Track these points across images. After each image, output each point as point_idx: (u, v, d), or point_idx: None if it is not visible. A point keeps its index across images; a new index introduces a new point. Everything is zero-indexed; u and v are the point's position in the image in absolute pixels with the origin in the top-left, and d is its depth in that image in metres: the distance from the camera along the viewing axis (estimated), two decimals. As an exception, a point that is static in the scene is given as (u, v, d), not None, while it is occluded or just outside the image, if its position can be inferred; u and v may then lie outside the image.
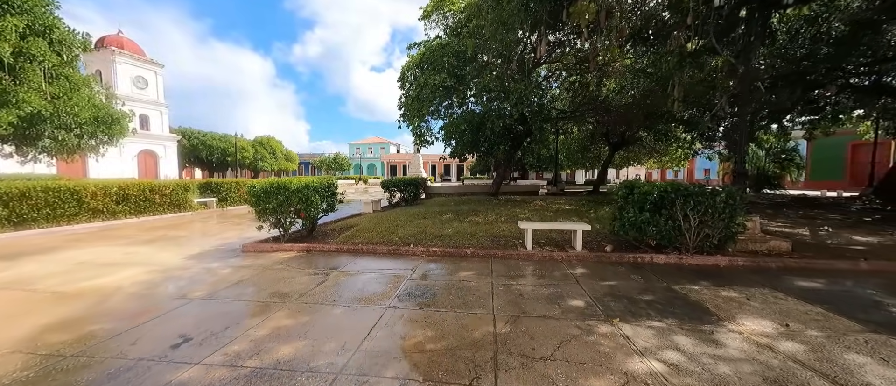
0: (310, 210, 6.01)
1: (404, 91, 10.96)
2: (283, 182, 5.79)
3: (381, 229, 6.99)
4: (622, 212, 5.30)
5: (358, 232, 6.80)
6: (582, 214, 9.23)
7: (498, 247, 5.74)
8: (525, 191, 20.56)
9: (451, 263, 5.05)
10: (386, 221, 8.12)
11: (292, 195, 5.74)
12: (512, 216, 8.85)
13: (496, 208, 10.59)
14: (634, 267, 4.84)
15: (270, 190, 5.70)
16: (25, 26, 12.83)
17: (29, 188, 7.28)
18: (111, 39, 34.56)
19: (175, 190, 10.83)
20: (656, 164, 27.09)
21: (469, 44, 8.34)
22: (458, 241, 6.07)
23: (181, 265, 5.00)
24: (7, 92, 12.04)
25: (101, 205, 8.74)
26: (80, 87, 15.87)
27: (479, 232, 6.73)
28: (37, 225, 7.55)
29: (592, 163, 28.02)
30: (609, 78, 14.94)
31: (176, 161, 38.43)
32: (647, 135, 22.31)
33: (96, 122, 17.76)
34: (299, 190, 5.80)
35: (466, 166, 68.62)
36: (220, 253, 5.77)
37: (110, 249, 6.02)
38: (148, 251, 5.91)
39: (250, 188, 5.75)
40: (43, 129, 14.96)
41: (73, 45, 15.01)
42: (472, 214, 9.33)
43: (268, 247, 5.85)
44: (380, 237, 6.37)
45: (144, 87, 35.75)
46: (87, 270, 4.71)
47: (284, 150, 51.48)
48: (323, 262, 5.17)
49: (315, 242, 6.21)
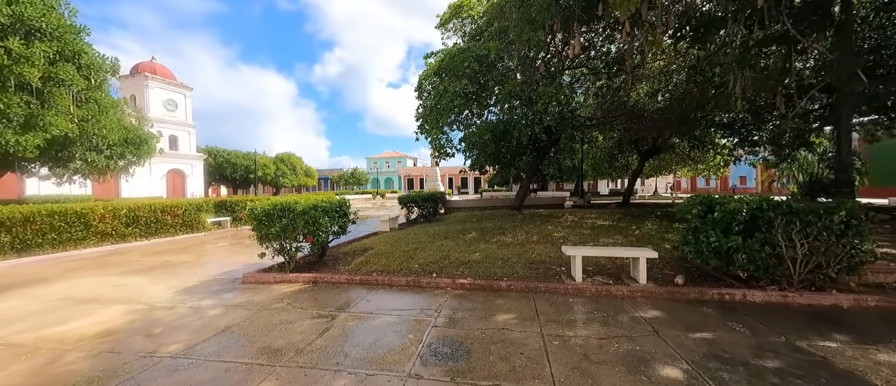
0: (318, 234, 5.26)
1: (422, 101, 10.32)
2: (288, 203, 5.09)
3: (399, 253, 6.14)
4: (697, 235, 4.22)
5: (373, 257, 5.98)
6: (625, 232, 8.07)
7: (538, 277, 4.75)
8: (549, 204, 19.33)
9: (484, 300, 4.11)
10: (404, 242, 7.28)
11: (298, 217, 5.02)
12: (544, 235, 7.81)
13: (524, 225, 9.56)
14: (723, 308, 3.73)
15: (273, 212, 5.00)
16: (56, 52, 13.27)
17: (33, 212, 6.96)
18: (144, 66, 36.47)
19: (187, 210, 10.48)
20: (690, 172, 25.18)
21: (492, 46, 7.59)
22: (488, 268, 5.12)
23: (168, 303, 4.30)
24: (35, 115, 12.31)
25: (110, 228, 8.39)
26: (109, 110, 16.28)
27: (511, 256, 5.75)
28: (41, 251, 7.20)
29: (619, 173, 26.40)
30: (641, 81, 13.83)
31: (202, 179, 39.59)
32: (681, 141, 20.76)
33: (125, 143, 18.23)
34: (306, 211, 5.07)
35: (484, 179, 67.70)
36: (216, 285, 5.07)
37: (102, 281, 5.45)
38: (141, 282, 5.30)
39: (250, 210, 5.07)
40: (74, 152, 15.37)
41: (102, 69, 15.46)
42: (498, 233, 8.36)
43: (270, 277, 5.10)
44: (397, 264, 5.51)
45: (174, 110, 37.32)
46: (64, 310, 4.08)
47: (304, 166, 52.39)
48: (331, 298, 4.34)
49: (324, 270, 5.42)
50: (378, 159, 79.70)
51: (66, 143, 14.68)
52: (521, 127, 8.29)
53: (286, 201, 5.14)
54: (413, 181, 72.39)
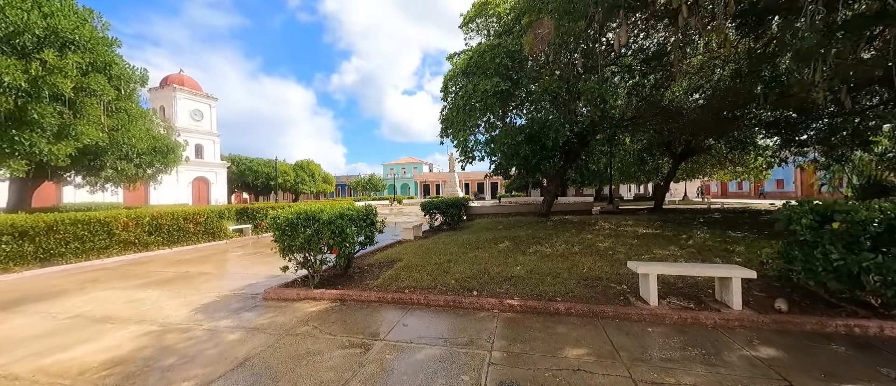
0: (345, 245, 4.75)
1: (447, 103, 9.78)
2: (313, 211, 4.62)
3: (431, 266, 5.55)
4: (809, 250, 3.43)
5: (403, 270, 5.41)
6: (677, 242, 7.20)
7: (598, 298, 4.05)
8: (575, 209, 18.37)
9: (543, 327, 3.45)
10: (433, 252, 6.70)
11: (323, 228, 4.52)
12: (587, 246, 7.06)
13: (558, 234, 8.81)
14: (857, 345, 2.93)
15: (297, 222, 4.53)
16: (88, 64, 13.62)
17: (56, 221, 6.83)
18: (173, 78, 37.92)
19: (209, 218, 10.30)
20: (727, 175, 23.53)
21: (526, 40, 6.99)
22: (536, 286, 4.46)
23: (184, 323, 3.86)
24: (67, 125, 12.59)
25: (133, 236, 8.23)
26: (138, 119, 16.66)
27: (558, 271, 5.06)
28: (65, 260, 7.04)
29: (648, 176, 25.02)
30: (679, 78, 12.86)
31: (225, 186, 40.59)
32: (717, 142, 19.43)
33: (153, 151, 18.67)
34: (332, 221, 4.58)
35: (501, 185, 66.63)
36: (236, 301, 4.63)
37: (119, 295, 5.12)
38: (158, 297, 4.92)
39: (273, 220, 4.63)
40: (105, 160, 15.77)
41: (131, 80, 15.83)
42: (533, 243, 7.65)
43: (293, 293, 4.62)
44: (431, 279, 4.92)
45: (200, 119, 38.53)
46: (72, 333, 3.70)
47: (323, 172, 53.07)
48: (362, 320, 3.79)
49: (351, 285, 4.90)
50: (394, 165, 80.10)
51: (98, 152, 15.05)
52: (558, 127, 7.59)
53: (310, 210, 4.67)
54: (429, 187, 72.20)
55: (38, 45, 11.58)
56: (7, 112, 11.05)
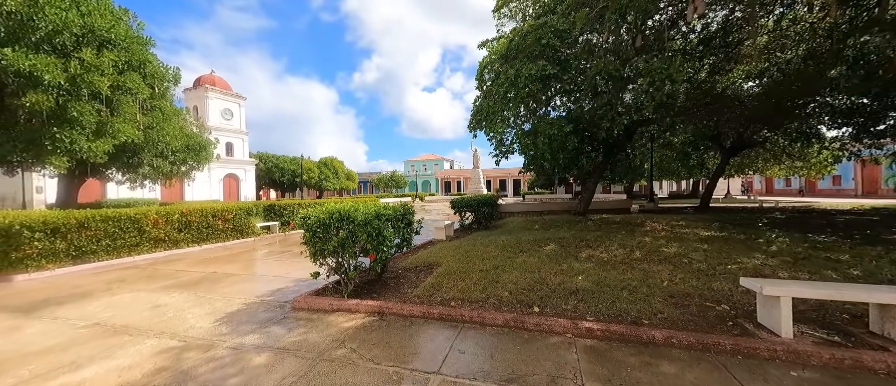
0: (382, 249, 4.15)
1: (483, 91, 8.97)
2: (347, 210, 4.04)
3: (476, 274, 4.86)
4: None
5: (444, 278, 4.76)
6: (756, 247, 6.13)
7: (699, 322, 3.22)
8: (613, 208, 17.10)
9: (642, 364, 2.67)
10: (474, 256, 6.01)
11: (359, 229, 3.93)
12: (651, 251, 6.13)
13: (609, 236, 7.88)
14: None
15: (330, 222, 3.96)
16: (124, 62, 13.90)
17: (87, 218, 6.69)
18: (205, 78, 39.21)
19: (238, 215, 10.11)
20: (783, 170, 21.31)
21: (580, 15, 6.10)
22: (610, 303, 3.67)
23: (207, 337, 3.38)
24: (104, 123, 12.88)
25: (163, 233, 8.08)
26: (171, 118, 17.02)
27: (632, 284, 4.24)
28: (96, 258, 6.92)
29: (690, 172, 23.08)
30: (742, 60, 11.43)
31: (254, 183, 41.76)
32: (774, 135, 17.55)
33: (187, 149, 19.15)
34: (368, 222, 3.98)
35: (524, 181, 64.95)
36: (263, 310, 4.14)
37: (143, 298, 4.78)
38: (182, 303, 4.53)
39: (303, 219, 4.09)
40: (142, 158, 16.22)
41: (164, 79, 16.13)
42: (583, 246, 6.80)
43: (325, 303, 4.07)
44: (480, 289, 4.23)
45: (230, 118, 39.71)
46: (86, 345, 3.31)
47: (346, 169, 53.66)
48: (406, 343, 3.17)
49: (388, 294, 4.30)
50: (415, 162, 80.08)
51: (135, 149, 15.46)
52: (613, 116, 6.66)
53: (343, 209, 4.09)
54: (450, 184, 71.60)
55: (76, 44, 11.81)
56: (49, 111, 11.36)
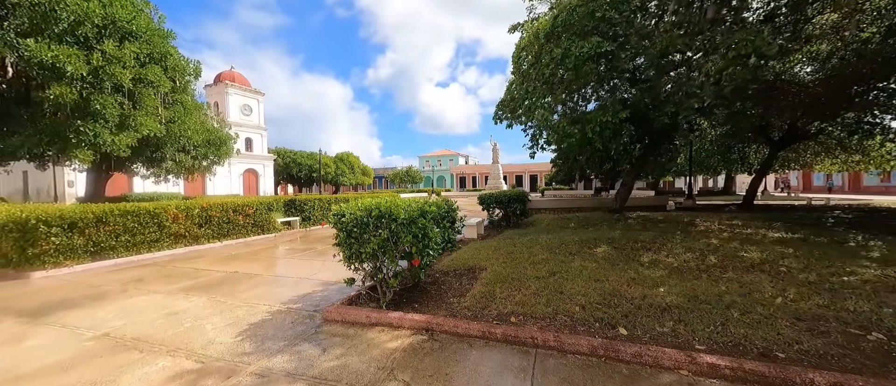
0: (427, 253, 3.51)
1: (520, 76, 8.12)
2: (387, 207, 3.40)
3: (531, 281, 4.16)
4: None
5: (495, 285, 4.08)
6: (853, 253, 5.16)
7: (859, 358, 2.43)
8: (648, 205, 15.97)
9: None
10: (519, 258, 5.31)
11: (402, 230, 3.30)
12: (729, 256, 5.28)
13: (665, 236, 7.01)
14: None
15: (368, 221, 3.34)
16: (146, 55, 13.78)
17: (105, 213, 6.35)
18: (225, 74, 39.63)
19: (258, 210, 9.73)
20: (836, 165, 19.49)
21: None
22: (721, 326, 2.91)
23: (227, 358, 2.83)
24: (127, 116, 12.78)
25: (184, 229, 7.73)
26: (192, 112, 16.97)
27: (739, 301, 3.45)
28: (115, 254, 6.60)
29: (729, 166, 21.43)
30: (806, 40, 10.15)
31: (272, 178, 42.19)
32: (829, 126, 15.94)
33: (208, 144, 19.17)
34: (413, 221, 3.34)
35: (542, 177, 63.38)
36: (290, 321, 3.58)
37: (160, 302, 4.32)
38: (201, 309, 4.03)
39: (337, 217, 3.49)
40: (165, 152, 16.24)
41: (185, 72, 16.02)
42: (641, 249, 5.99)
43: (362, 315, 3.47)
44: (544, 301, 3.53)
45: (249, 114, 40.10)
46: (91, 364, 2.81)
47: (361, 165, 53.67)
48: (471, 372, 2.51)
49: (432, 305, 3.67)
50: (430, 158, 79.56)
51: (158, 143, 15.46)
52: (681, 98, 5.75)
53: (383, 205, 3.46)
54: (465, 179, 70.76)
55: (98, 35, 11.66)
56: (73, 104, 11.28)
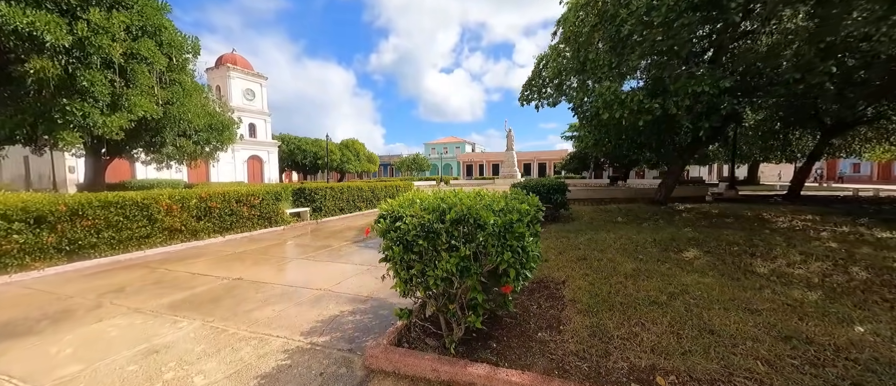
0: (523, 274, 2.33)
1: (574, 44, 6.64)
2: (468, 206, 2.19)
3: (645, 305, 2.99)
4: None
5: (596, 310, 2.92)
6: None
7: None
8: (685, 196, 14.63)
9: None
10: (599, 266, 4.13)
11: (492, 242, 2.10)
12: (874, 266, 4.05)
13: (757, 236, 5.78)
14: None
15: (439, 229, 2.13)
16: (139, 28, 12.48)
17: (82, 204, 5.24)
18: (227, 57, 38.16)
19: (265, 200, 8.61)
20: (889, 153, 17.89)
21: None
22: None
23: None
24: (119, 95, 11.61)
25: (179, 222, 6.64)
26: (193, 94, 15.72)
27: None
28: (97, 253, 5.53)
29: (765, 154, 19.78)
30: None
31: (277, 165, 41.17)
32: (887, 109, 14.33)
33: (210, 128, 18.02)
34: (509, 229, 2.14)
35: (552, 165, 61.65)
36: (318, 371, 2.45)
37: (139, 328, 3.23)
38: (192, 343, 2.93)
39: (387, 221, 2.29)
40: (165, 136, 15.11)
41: (183, 49, 14.69)
42: (741, 254, 4.78)
43: (426, 366, 2.32)
44: (699, 349, 2.36)
45: (252, 99, 38.78)
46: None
47: (367, 152, 52.44)
48: None
49: (517, 347, 2.51)
50: (436, 145, 77.98)
51: (158, 128, 14.31)
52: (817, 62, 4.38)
53: (457, 203, 2.25)
54: (472, 167, 69.29)
55: (83, 2, 10.37)
56: (56, 79, 10.10)
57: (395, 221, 2.27)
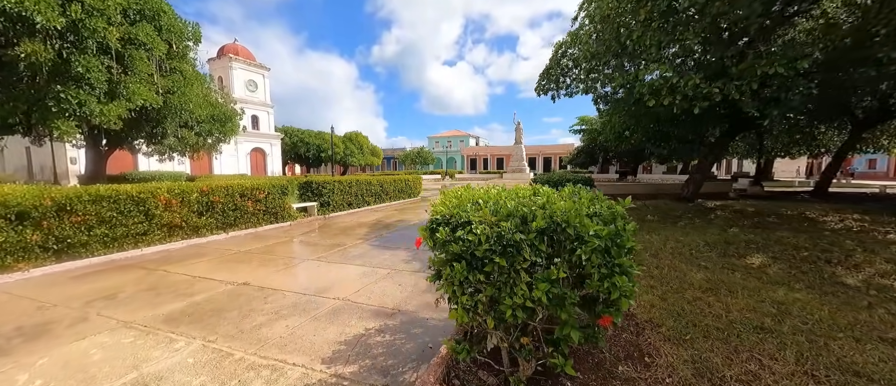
0: (624, 299, 1.75)
1: (609, 25, 5.91)
2: (561, 211, 1.61)
3: (748, 332, 2.43)
4: None
5: (689, 338, 2.36)
6: None
7: None
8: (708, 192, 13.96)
9: None
10: (662, 275, 3.57)
11: (596, 260, 1.52)
12: None
13: (815, 238, 5.18)
14: None
15: (520, 241, 1.56)
16: (136, 12, 11.85)
17: (70, 199, 4.70)
18: (228, 48, 37.41)
19: (271, 194, 8.07)
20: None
21: None
22: None
23: None
24: (116, 82, 11.04)
25: (179, 218, 6.11)
26: (194, 83, 15.09)
27: None
28: (89, 252, 5.02)
29: (787, 149, 18.95)
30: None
31: (280, 158, 40.66)
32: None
33: (212, 119, 17.44)
34: (617, 241, 1.56)
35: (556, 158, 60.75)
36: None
37: (131, 346, 2.71)
38: (191, 368, 2.40)
39: (444, 227, 1.72)
40: (166, 127, 14.55)
41: (183, 35, 14.04)
42: (817, 260, 4.19)
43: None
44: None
45: (255, 90, 38.12)
46: None
47: (370, 145, 51.77)
48: None
49: (608, 388, 1.96)
50: (440, 138, 77.07)
51: (158, 118, 13.78)
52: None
53: (545, 206, 1.68)
54: (476, 161, 68.48)
55: (78, -17, 9.74)
56: (49, 64, 9.53)
57: (454, 231, 1.70)
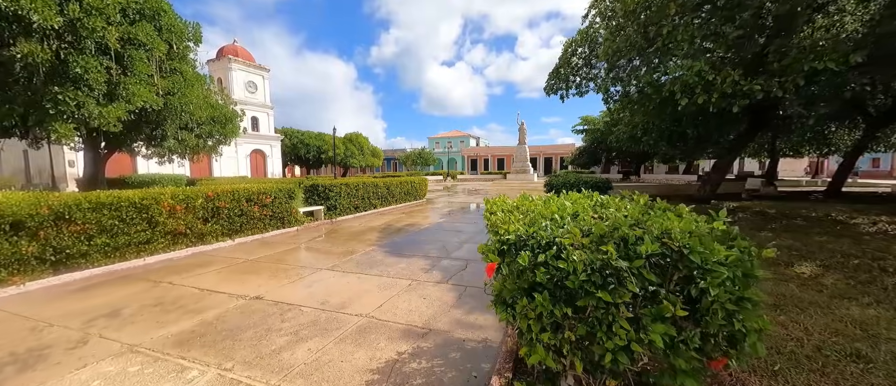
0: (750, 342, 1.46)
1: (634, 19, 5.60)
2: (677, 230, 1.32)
3: (831, 362, 2.14)
4: None
5: (769, 378, 2.08)
6: None
7: None
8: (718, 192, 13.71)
9: None
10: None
11: (722, 293, 1.23)
12: None
13: (859, 244, 4.90)
14: None
15: (620, 272, 1.27)
16: (136, 11, 11.55)
17: (69, 206, 4.39)
18: (228, 49, 37.08)
19: (277, 198, 7.77)
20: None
21: None
22: None
23: None
24: (115, 83, 10.71)
25: (184, 225, 5.81)
26: (194, 84, 14.79)
27: None
28: (89, 262, 4.71)
29: (796, 147, 18.71)
30: None
31: (280, 159, 40.31)
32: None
33: (212, 121, 17.13)
34: (747, 270, 1.27)
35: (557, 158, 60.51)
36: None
37: (138, 377, 2.40)
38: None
39: (524, 253, 1.42)
40: (166, 129, 14.24)
41: (184, 36, 13.74)
42: (874, 271, 3.91)
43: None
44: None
45: (255, 91, 37.79)
46: None
47: (370, 146, 51.44)
48: None
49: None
50: (440, 139, 76.79)
51: (158, 120, 13.47)
52: None
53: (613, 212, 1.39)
54: (476, 161, 68.20)
55: (75, -19, 9.43)
56: (47, 65, 9.21)
57: (536, 255, 1.40)
